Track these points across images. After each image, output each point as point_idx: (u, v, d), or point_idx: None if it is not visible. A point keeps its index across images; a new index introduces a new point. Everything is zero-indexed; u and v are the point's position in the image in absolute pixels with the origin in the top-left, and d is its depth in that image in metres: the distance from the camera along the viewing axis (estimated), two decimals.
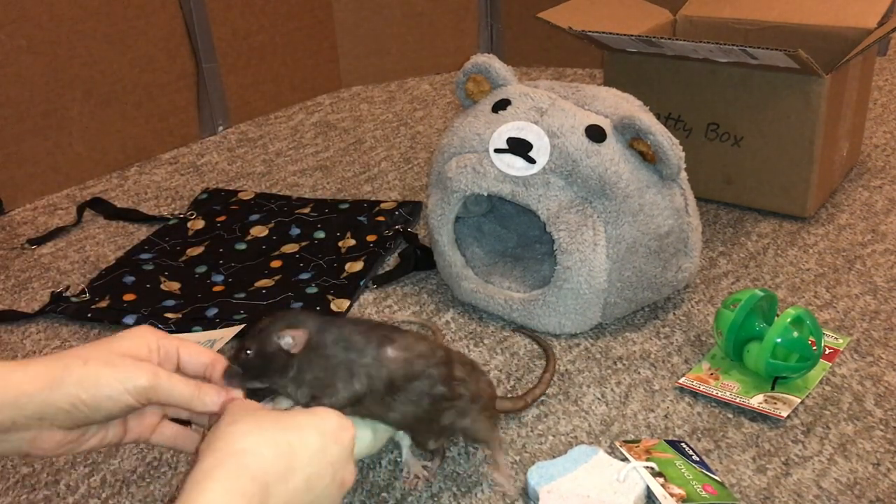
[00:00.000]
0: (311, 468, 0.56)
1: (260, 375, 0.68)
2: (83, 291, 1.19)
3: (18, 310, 1.17)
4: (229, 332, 1.04)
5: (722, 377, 0.95)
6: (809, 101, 1.20)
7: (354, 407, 0.70)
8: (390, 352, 0.71)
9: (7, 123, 1.44)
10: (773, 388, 0.93)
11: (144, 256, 1.28)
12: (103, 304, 1.16)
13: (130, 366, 0.61)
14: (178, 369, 0.66)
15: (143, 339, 0.64)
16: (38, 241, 1.37)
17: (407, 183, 1.51)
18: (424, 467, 0.83)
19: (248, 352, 0.68)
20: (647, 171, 1.00)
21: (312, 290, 1.15)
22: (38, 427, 0.59)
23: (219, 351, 1.02)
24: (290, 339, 0.68)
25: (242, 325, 1.07)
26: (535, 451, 0.87)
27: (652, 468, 0.80)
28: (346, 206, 1.39)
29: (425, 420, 0.76)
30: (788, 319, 0.91)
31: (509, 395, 0.95)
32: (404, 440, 0.83)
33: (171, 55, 1.66)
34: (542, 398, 0.94)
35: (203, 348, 0.67)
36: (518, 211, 1.21)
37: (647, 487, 0.79)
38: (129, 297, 1.17)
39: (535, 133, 1.01)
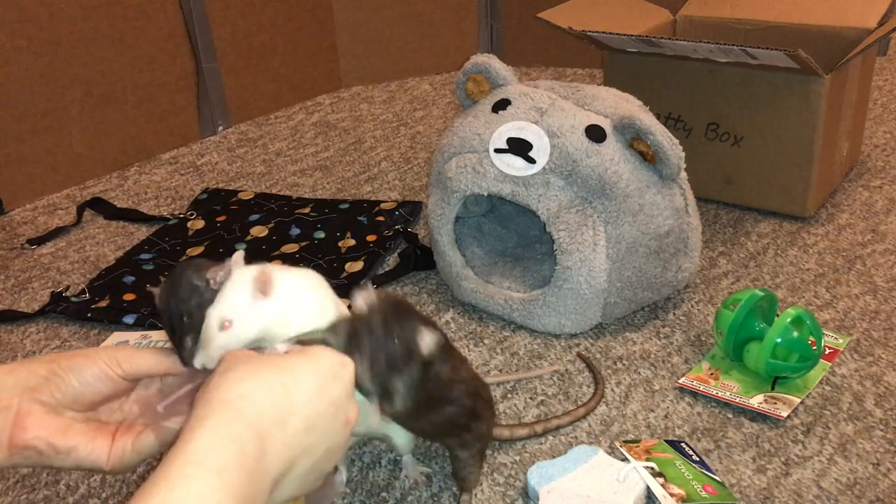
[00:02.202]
0: (309, 409, 0.54)
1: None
2: (83, 291, 1.19)
3: (18, 310, 1.17)
4: None
5: (722, 377, 0.95)
6: (809, 101, 1.20)
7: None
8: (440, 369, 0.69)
9: (7, 123, 1.45)
10: (773, 388, 0.93)
11: (144, 256, 1.28)
12: (103, 303, 1.16)
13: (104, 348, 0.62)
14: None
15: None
16: (38, 241, 1.37)
17: (407, 183, 1.51)
18: (423, 474, 0.83)
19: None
20: (647, 171, 1.00)
21: None
22: (19, 401, 0.59)
23: None
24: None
25: None
26: (535, 451, 0.87)
27: (652, 468, 0.80)
28: (346, 206, 1.39)
29: (430, 434, 0.76)
30: (788, 319, 0.91)
31: (508, 395, 0.95)
32: (400, 448, 0.82)
33: (171, 55, 1.66)
34: (543, 398, 0.94)
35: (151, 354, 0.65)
36: (518, 211, 1.21)
37: (647, 487, 0.79)
38: (129, 296, 1.17)
39: (535, 133, 1.01)
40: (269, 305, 0.63)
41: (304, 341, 0.62)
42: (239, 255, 0.65)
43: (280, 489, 0.52)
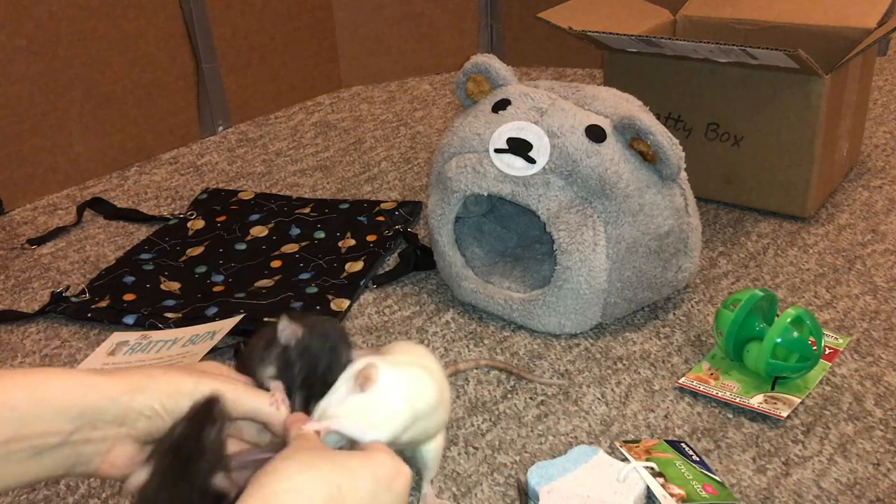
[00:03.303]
0: None
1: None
2: (83, 291, 1.19)
3: (18, 310, 1.17)
4: (229, 324, 1.04)
5: (722, 377, 0.95)
6: (809, 101, 1.20)
7: None
8: None
9: (7, 123, 1.45)
10: (773, 388, 0.93)
11: (144, 256, 1.28)
12: (103, 304, 1.16)
13: (207, 374, 0.62)
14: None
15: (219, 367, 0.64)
16: (38, 241, 1.37)
17: (407, 183, 1.51)
18: None
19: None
20: (647, 171, 1.00)
21: (312, 290, 1.15)
22: (114, 437, 0.58)
23: (217, 345, 1.02)
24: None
25: (242, 315, 1.07)
26: (535, 451, 0.87)
27: (652, 468, 0.80)
28: (346, 206, 1.39)
29: None
30: (788, 319, 0.91)
31: (508, 395, 0.95)
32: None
33: (171, 55, 1.66)
34: (543, 398, 0.94)
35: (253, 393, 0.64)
36: (518, 211, 1.21)
37: (647, 487, 0.79)
38: (129, 296, 1.17)
39: (535, 133, 1.01)
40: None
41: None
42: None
43: None
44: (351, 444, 0.63)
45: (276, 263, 1.24)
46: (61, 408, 0.56)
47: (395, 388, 0.64)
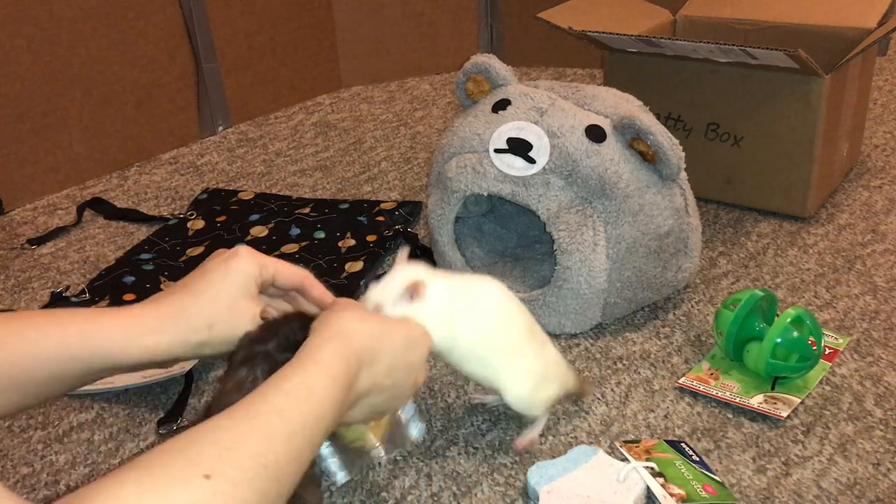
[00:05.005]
0: (393, 360, 0.67)
1: None
2: (83, 291, 1.19)
3: (18, 310, 1.17)
4: None
5: (722, 377, 0.95)
6: (809, 101, 1.20)
7: None
8: None
9: (7, 123, 1.45)
10: (773, 388, 0.93)
11: (144, 256, 1.28)
12: (103, 304, 1.15)
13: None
14: (275, 284, 0.72)
15: (247, 275, 0.69)
16: (38, 241, 1.37)
17: (407, 183, 1.51)
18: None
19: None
20: (647, 171, 1.00)
21: None
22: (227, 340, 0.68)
23: None
24: None
25: None
26: (535, 451, 0.87)
27: (652, 468, 0.80)
28: (346, 206, 1.39)
29: None
30: (788, 319, 0.91)
31: None
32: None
33: (171, 55, 1.66)
34: None
35: (295, 267, 0.73)
36: (518, 211, 1.21)
37: (647, 487, 0.79)
38: (129, 297, 1.17)
39: (535, 133, 1.01)
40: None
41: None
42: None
43: (354, 410, 0.65)
44: None
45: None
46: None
47: (440, 304, 0.76)
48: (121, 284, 1.20)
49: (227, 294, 0.67)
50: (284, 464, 0.52)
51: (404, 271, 0.76)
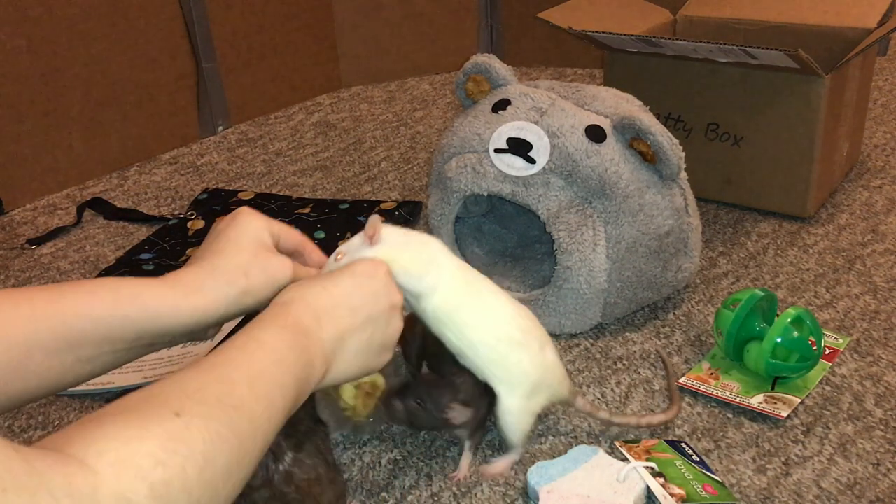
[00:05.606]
0: (351, 300, 0.67)
1: (413, 423, 0.83)
2: None
3: None
4: (230, 324, 1.04)
5: (722, 377, 0.95)
6: (809, 101, 1.20)
7: None
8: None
9: (7, 123, 1.44)
10: (773, 388, 0.93)
11: (144, 256, 1.28)
12: None
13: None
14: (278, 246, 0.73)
15: (257, 227, 0.70)
16: (38, 241, 1.37)
17: (407, 183, 1.51)
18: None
19: (419, 402, 0.80)
20: (647, 171, 1.00)
21: None
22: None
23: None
24: (456, 414, 0.81)
25: (243, 316, 1.06)
26: (535, 451, 0.87)
27: (652, 468, 0.80)
28: (346, 206, 1.39)
29: None
30: (788, 319, 0.91)
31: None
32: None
33: (171, 55, 1.66)
34: None
35: (296, 231, 0.75)
36: (518, 211, 1.21)
37: (647, 487, 0.79)
38: None
39: (535, 133, 1.01)
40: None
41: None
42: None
43: (339, 364, 0.65)
44: None
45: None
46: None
47: (396, 246, 0.75)
48: None
49: (247, 243, 0.69)
50: (253, 404, 0.53)
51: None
